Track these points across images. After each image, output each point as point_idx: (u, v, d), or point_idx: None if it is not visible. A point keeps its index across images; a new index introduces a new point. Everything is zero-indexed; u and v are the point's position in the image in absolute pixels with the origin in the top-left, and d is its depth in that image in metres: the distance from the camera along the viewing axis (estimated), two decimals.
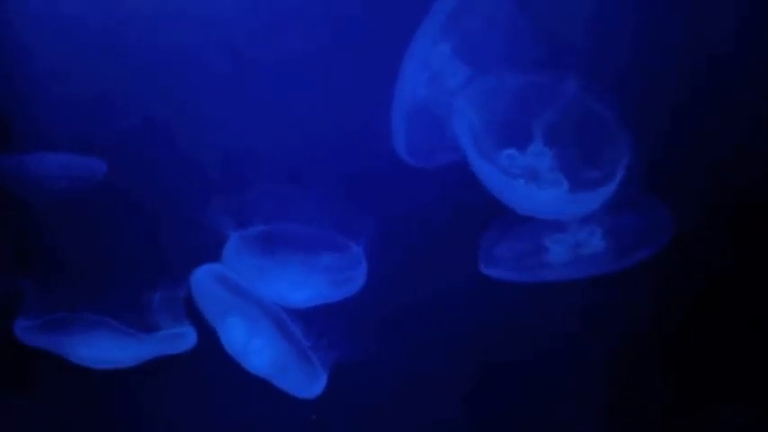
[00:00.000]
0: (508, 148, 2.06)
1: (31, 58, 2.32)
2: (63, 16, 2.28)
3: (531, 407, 2.41)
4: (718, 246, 2.29)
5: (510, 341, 2.35)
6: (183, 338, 2.29)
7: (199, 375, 2.39)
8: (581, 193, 2.06)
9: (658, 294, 2.32)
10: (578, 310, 2.32)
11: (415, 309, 2.34)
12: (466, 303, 2.34)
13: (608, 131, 2.05)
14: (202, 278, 2.25)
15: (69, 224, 2.37)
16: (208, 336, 2.30)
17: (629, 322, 2.36)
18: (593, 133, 2.06)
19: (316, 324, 2.23)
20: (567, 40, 2.15)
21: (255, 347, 2.22)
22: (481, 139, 2.06)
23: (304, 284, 2.21)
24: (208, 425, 2.48)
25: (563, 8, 2.16)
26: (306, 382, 2.24)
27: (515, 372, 2.38)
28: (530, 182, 2.06)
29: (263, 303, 2.22)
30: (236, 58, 2.27)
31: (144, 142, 2.31)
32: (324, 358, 2.23)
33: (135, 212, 2.36)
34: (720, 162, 2.24)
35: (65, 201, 2.32)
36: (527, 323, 2.34)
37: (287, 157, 2.29)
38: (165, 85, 2.29)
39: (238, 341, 2.24)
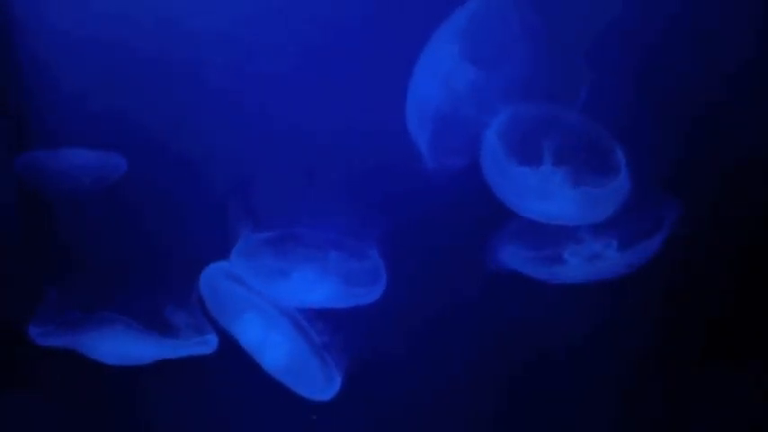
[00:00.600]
0: (522, 166, 2.10)
1: (52, 61, 2.35)
2: (86, 23, 2.32)
3: (544, 408, 2.42)
4: (729, 247, 2.31)
5: (524, 343, 2.37)
6: (206, 345, 2.31)
7: (202, 376, 2.40)
8: (591, 201, 2.10)
9: (669, 296, 2.34)
10: (594, 311, 2.33)
11: (429, 312, 2.35)
12: (480, 306, 2.35)
13: (612, 146, 2.08)
14: (213, 275, 2.25)
15: (88, 222, 2.40)
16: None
17: (643, 322, 2.37)
18: (600, 148, 2.10)
19: (329, 323, 2.24)
20: (577, 51, 2.16)
21: (272, 343, 2.23)
22: (497, 156, 2.10)
23: (318, 286, 2.21)
24: (210, 424, 2.50)
25: (574, 21, 2.19)
26: (321, 383, 2.24)
27: (530, 374, 2.39)
28: (542, 196, 2.11)
29: (277, 300, 2.22)
30: (251, 56, 2.28)
31: (158, 144, 2.33)
32: (338, 359, 2.23)
33: (148, 214, 2.38)
34: (731, 167, 2.26)
35: (85, 198, 2.34)
36: (540, 325, 2.35)
37: (301, 159, 2.30)
38: (181, 86, 2.31)
39: (254, 337, 2.25)
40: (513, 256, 2.23)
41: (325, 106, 2.27)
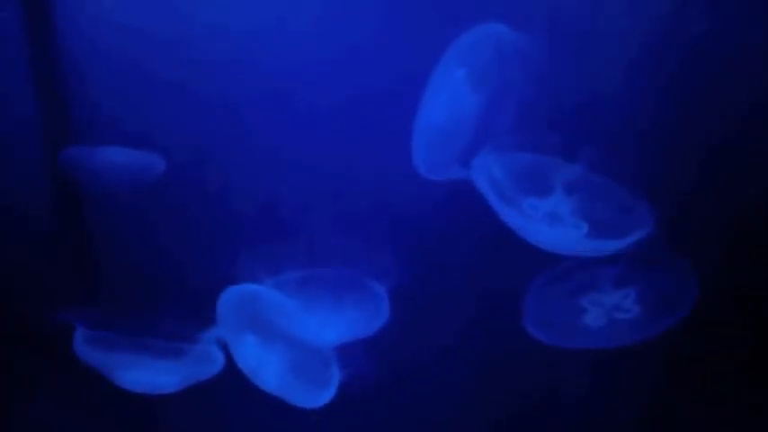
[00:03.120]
0: (529, 197, 2.10)
1: (95, 59, 2.46)
2: (129, 24, 2.43)
3: None
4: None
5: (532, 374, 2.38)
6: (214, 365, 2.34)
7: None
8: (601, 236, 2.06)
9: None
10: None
11: (435, 341, 2.40)
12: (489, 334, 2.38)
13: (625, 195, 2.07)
14: (236, 297, 2.23)
15: (118, 231, 2.51)
16: None
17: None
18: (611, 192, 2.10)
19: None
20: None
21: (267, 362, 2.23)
22: (502, 189, 2.10)
23: (330, 325, 2.22)
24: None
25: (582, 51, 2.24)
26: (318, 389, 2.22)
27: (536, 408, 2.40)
28: (551, 225, 2.10)
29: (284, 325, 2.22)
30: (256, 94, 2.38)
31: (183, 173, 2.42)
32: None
33: (173, 236, 2.47)
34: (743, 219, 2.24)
35: (120, 198, 2.42)
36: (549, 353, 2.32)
37: (308, 194, 2.40)
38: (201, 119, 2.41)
39: (252, 356, 2.27)
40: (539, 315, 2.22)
41: (341, 142, 2.36)
